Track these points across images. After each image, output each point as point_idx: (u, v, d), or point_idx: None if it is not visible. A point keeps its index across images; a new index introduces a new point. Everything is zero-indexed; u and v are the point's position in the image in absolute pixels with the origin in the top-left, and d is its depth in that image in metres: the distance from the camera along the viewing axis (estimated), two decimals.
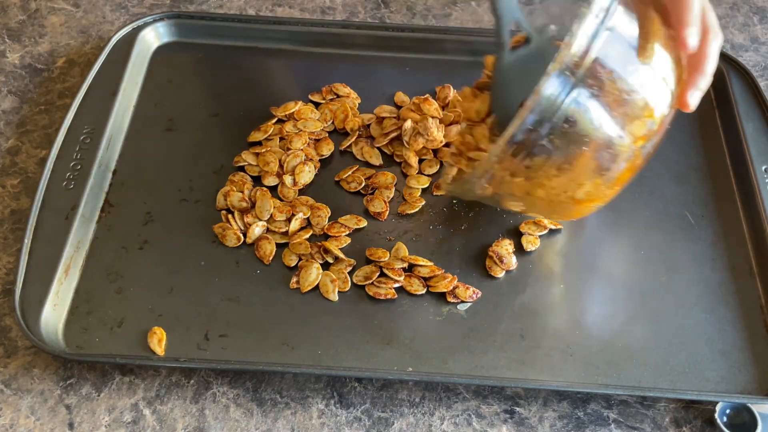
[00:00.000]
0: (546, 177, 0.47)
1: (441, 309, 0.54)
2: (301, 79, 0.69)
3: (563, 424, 0.51)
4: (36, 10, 0.76)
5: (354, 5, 0.77)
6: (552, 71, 0.42)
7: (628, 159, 0.47)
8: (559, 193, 0.48)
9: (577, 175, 0.47)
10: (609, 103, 0.45)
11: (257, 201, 0.58)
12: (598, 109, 0.45)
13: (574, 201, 0.49)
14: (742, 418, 0.50)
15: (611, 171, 0.47)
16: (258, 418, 0.51)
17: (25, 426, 0.50)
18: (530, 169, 0.46)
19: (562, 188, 0.48)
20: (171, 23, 0.71)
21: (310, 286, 0.55)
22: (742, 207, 0.60)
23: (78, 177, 0.59)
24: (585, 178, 0.47)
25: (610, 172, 0.47)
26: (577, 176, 0.47)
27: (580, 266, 0.57)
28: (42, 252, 0.55)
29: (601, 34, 0.43)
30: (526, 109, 0.43)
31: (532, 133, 0.44)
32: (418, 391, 0.52)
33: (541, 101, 0.43)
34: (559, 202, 0.49)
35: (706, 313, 0.55)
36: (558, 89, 0.43)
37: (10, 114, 0.67)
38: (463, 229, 0.59)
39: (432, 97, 0.64)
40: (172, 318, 0.54)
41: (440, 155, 0.62)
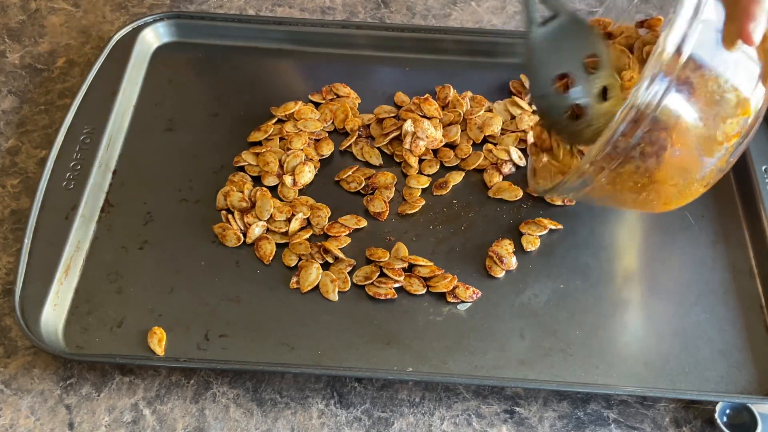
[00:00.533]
0: (636, 181, 0.47)
1: (441, 309, 0.54)
2: (301, 79, 0.69)
3: (563, 424, 0.51)
4: (36, 10, 0.76)
5: (354, 5, 0.77)
6: (647, 74, 0.41)
7: (719, 159, 0.46)
8: (645, 196, 0.48)
9: (666, 177, 0.46)
10: (702, 103, 0.44)
11: (257, 201, 0.58)
12: (691, 112, 0.44)
13: (660, 202, 0.49)
14: (742, 418, 0.50)
15: (701, 173, 0.47)
16: (258, 418, 0.51)
17: (25, 426, 0.50)
18: (621, 174, 0.46)
19: (648, 191, 0.47)
20: (171, 23, 0.71)
21: (310, 286, 0.55)
22: (742, 207, 0.60)
23: (78, 177, 0.59)
24: (673, 181, 0.47)
25: (700, 174, 0.47)
26: (666, 179, 0.47)
27: (580, 266, 0.57)
28: (42, 252, 0.55)
29: (696, 28, 0.41)
30: (620, 116, 0.42)
31: (623, 139, 0.43)
32: (418, 391, 0.52)
33: (635, 106, 0.42)
34: (646, 201, 0.49)
35: (706, 313, 0.55)
36: (652, 94, 0.42)
37: (10, 114, 0.67)
38: (463, 229, 0.59)
39: (432, 97, 0.64)
40: (172, 318, 0.54)
41: (440, 155, 0.62)
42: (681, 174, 0.47)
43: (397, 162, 0.63)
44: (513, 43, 0.69)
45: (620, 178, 0.47)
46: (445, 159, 0.62)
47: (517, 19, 0.75)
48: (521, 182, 0.61)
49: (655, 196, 0.48)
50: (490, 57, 0.69)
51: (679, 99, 0.43)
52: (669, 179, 0.47)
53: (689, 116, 0.44)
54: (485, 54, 0.69)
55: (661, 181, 0.47)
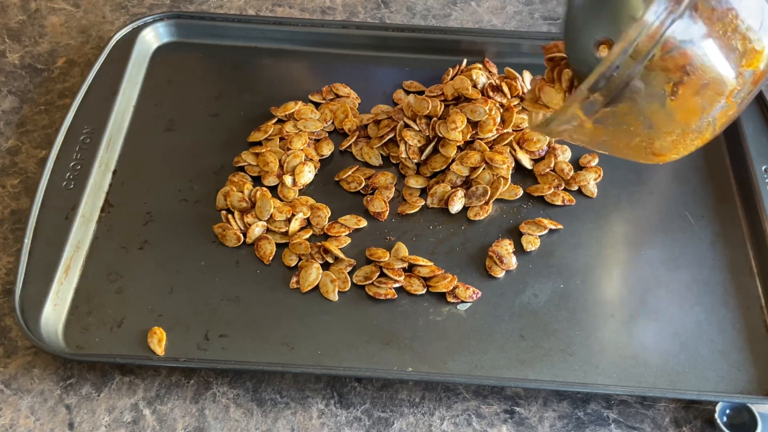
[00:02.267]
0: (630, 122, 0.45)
1: (441, 309, 0.54)
2: (301, 79, 0.69)
3: (563, 424, 0.51)
4: (36, 10, 0.76)
5: (354, 5, 0.77)
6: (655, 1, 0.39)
7: (719, 112, 0.44)
8: (639, 142, 0.46)
9: (662, 122, 0.45)
10: (718, 44, 0.42)
11: (257, 201, 0.58)
12: (706, 43, 0.42)
13: (653, 152, 0.47)
14: (742, 418, 0.50)
15: (699, 123, 0.45)
16: (258, 418, 0.51)
17: (25, 426, 0.50)
18: (614, 114, 0.44)
19: (645, 136, 0.46)
20: (171, 23, 0.71)
21: (310, 286, 0.55)
22: (742, 207, 0.60)
23: (78, 177, 0.59)
24: (669, 128, 0.45)
25: (697, 124, 0.45)
26: (662, 123, 0.45)
27: (580, 266, 0.57)
28: (42, 252, 0.55)
29: None
30: (624, 40, 0.40)
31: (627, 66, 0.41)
32: (418, 391, 0.52)
33: (641, 31, 0.40)
34: (639, 148, 0.47)
35: (706, 313, 0.55)
36: (660, 16, 0.40)
37: (10, 114, 0.67)
38: (463, 229, 0.59)
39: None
40: (172, 318, 0.54)
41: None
42: (678, 121, 0.45)
43: (395, 162, 0.63)
44: (513, 43, 0.69)
45: (614, 118, 0.45)
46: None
47: (517, 19, 0.75)
48: (521, 182, 0.61)
49: (648, 143, 0.46)
50: (490, 57, 0.69)
51: (687, 32, 0.41)
52: (665, 125, 0.45)
53: (696, 57, 0.42)
54: (485, 54, 0.69)
55: (656, 126, 0.45)
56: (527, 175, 0.62)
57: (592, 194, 0.61)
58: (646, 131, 0.45)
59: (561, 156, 0.62)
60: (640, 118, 0.45)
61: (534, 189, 0.61)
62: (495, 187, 0.59)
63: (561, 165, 0.62)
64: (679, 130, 0.45)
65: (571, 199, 0.60)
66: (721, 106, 0.45)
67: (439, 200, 0.59)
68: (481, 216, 0.59)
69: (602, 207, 0.60)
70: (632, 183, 0.62)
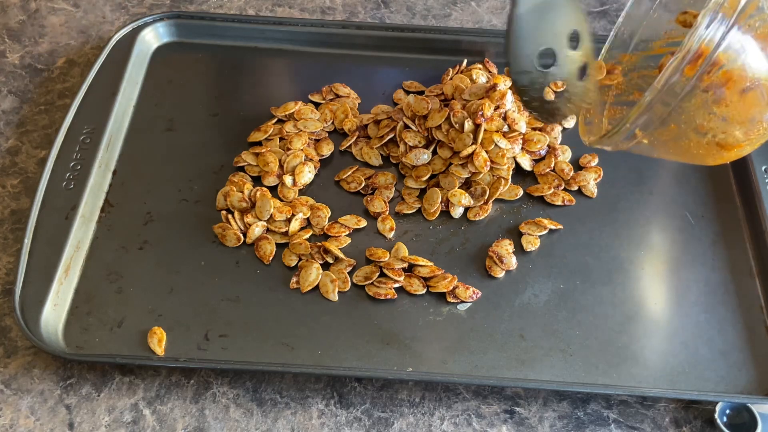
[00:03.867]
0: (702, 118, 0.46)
1: (441, 309, 0.54)
2: (301, 79, 0.69)
3: (563, 424, 0.51)
4: (36, 10, 0.76)
5: (354, 5, 0.77)
6: (707, 12, 0.40)
7: None
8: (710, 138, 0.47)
9: (734, 114, 0.46)
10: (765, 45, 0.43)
11: (257, 201, 0.58)
12: (755, 54, 0.43)
13: (722, 147, 0.48)
14: (742, 418, 0.50)
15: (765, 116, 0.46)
16: (258, 418, 0.51)
17: (25, 426, 0.50)
18: (684, 112, 0.45)
19: (713, 131, 0.46)
20: (171, 23, 0.71)
21: (310, 286, 0.55)
22: (742, 207, 0.60)
23: (78, 177, 0.59)
24: (738, 121, 0.46)
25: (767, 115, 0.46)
26: (734, 116, 0.46)
27: (579, 266, 0.57)
28: (42, 252, 0.55)
29: None
30: (681, 53, 0.41)
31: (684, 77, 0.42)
32: (418, 391, 0.52)
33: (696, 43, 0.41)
34: (705, 146, 0.48)
35: (706, 313, 0.55)
36: (713, 32, 0.41)
37: (10, 114, 0.67)
38: (463, 229, 0.59)
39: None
40: (172, 318, 0.54)
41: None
42: (747, 113, 0.46)
43: (395, 162, 0.63)
44: None
45: (684, 116, 0.45)
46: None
47: None
48: (521, 182, 0.61)
49: (721, 139, 0.47)
50: (490, 57, 0.69)
51: (742, 40, 0.43)
52: (735, 117, 0.46)
53: (752, 58, 0.43)
54: (485, 54, 0.69)
55: (729, 119, 0.46)
56: (527, 175, 0.62)
57: (592, 194, 0.61)
58: (716, 125, 0.46)
59: (561, 156, 0.62)
60: (710, 112, 0.45)
61: (534, 189, 0.61)
62: (495, 188, 0.59)
63: (561, 165, 0.62)
64: (750, 121, 0.46)
65: (571, 199, 0.60)
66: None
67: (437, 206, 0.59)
68: (481, 216, 0.59)
69: (602, 207, 0.60)
70: (632, 183, 0.62)
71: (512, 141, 0.60)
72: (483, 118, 0.58)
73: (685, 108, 0.45)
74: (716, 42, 0.42)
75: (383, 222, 0.59)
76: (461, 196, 0.59)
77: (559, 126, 0.64)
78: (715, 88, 0.44)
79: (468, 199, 0.59)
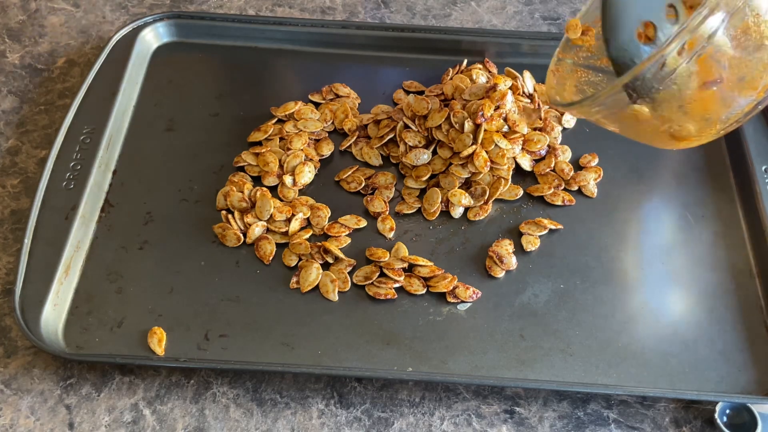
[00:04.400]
0: (665, 110, 0.46)
1: (441, 309, 0.54)
2: (301, 79, 0.69)
3: (563, 424, 0.51)
4: (36, 10, 0.76)
5: (354, 5, 0.77)
6: (706, 7, 0.41)
7: (747, 104, 0.46)
8: (667, 127, 0.47)
9: (696, 110, 0.46)
10: (750, 44, 0.43)
11: (257, 201, 0.58)
12: (737, 49, 0.43)
13: (674, 137, 0.48)
14: (742, 418, 0.50)
15: (727, 113, 0.46)
16: (258, 418, 0.51)
17: (25, 426, 0.50)
18: (654, 100, 0.45)
19: (671, 122, 0.47)
20: (171, 23, 0.71)
21: (310, 286, 0.55)
22: (742, 207, 0.60)
23: (78, 177, 0.59)
24: (700, 115, 0.46)
25: (726, 114, 0.46)
26: (696, 111, 0.46)
27: (580, 266, 0.57)
28: (42, 252, 0.55)
29: None
30: (674, 37, 0.41)
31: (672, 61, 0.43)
32: (418, 391, 0.52)
33: (690, 31, 0.41)
34: (664, 135, 0.48)
35: (706, 313, 0.55)
36: (710, 24, 0.41)
37: (10, 114, 0.67)
38: (463, 229, 0.59)
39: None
40: (172, 318, 0.54)
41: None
42: (707, 111, 0.46)
43: (395, 162, 0.63)
44: (513, 43, 0.69)
45: (652, 105, 0.46)
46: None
47: (517, 19, 0.75)
48: (521, 182, 0.61)
49: (676, 131, 0.47)
50: (490, 57, 0.69)
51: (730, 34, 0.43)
52: (698, 113, 0.46)
53: (736, 53, 0.44)
54: (485, 54, 0.69)
55: (690, 113, 0.46)
56: (527, 175, 0.62)
57: (592, 194, 0.61)
58: (677, 118, 0.46)
59: (561, 156, 0.62)
60: (674, 107, 0.45)
61: (534, 189, 0.61)
62: (495, 188, 0.59)
63: (561, 165, 0.62)
64: (706, 120, 0.46)
65: (571, 199, 0.60)
66: (751, 99, 0.45)
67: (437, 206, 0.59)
68: (481, 216, 0.59)
69: (602, 207, 0.60)
70: (632, 183, 0.62)
71: (513, 142, 0.60)
72: (483, 118, 0.58)
73: (654, 97, 0.45)
74: (706, 37, 0.42)
75: (383, 222, 0.59)
76: (461, 196, 0.59)
77: (559, 126, 0.64)
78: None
79: (468, 199, 0.59)
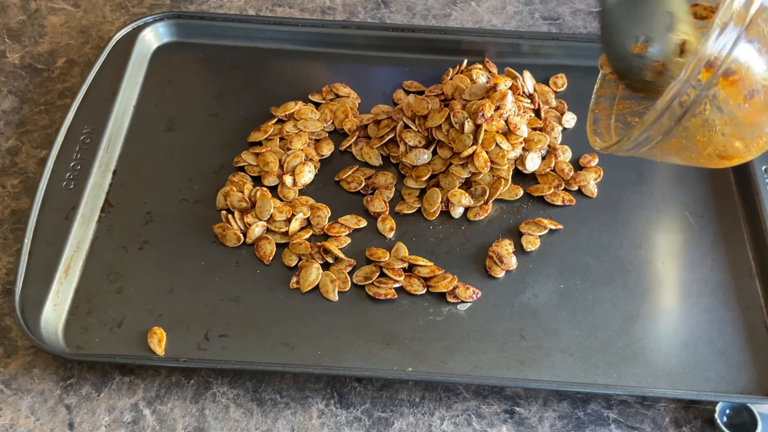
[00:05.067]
0: (703, 135, 0.46)
1: (441, 309, 0.54)
2: (301, 79, 0.69)
3: (563, 424, 0.51)
4: (36, 10, 0.76)
5: (354, 5, 0.77)
6: (717, 24, 0.40)
7: None
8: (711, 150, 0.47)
9: (734, 131, 0.46)
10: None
11: (257, 201, 0.58)
12: (761, 60, 0.43)
13: (723, 157, 0.48)
14: (742, 418, 0.50)
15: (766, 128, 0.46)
16: (258, 418, 0.51)
17: (25, 426, 0.50)
18: (687, 129, 0.45)
19: (715, 145, 0.46)
20: (171, 23, 0.71)
21: (310, 286, 0.55)
22: (742, 207, 0.60)
23: (78, 177, 0.59)
24: (741, 134, 0.46)
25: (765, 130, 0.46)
26: (734, 132, 0.46)
27: (579, 266, 0.57)
28: (42, 252, 0.55)
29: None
30: (688, 67, 0.41)
31: (692, 92, 0.42)
32: (418, 391, 0.52)
33: (705, 57, 0.41)
34: (711, 156, 0.48)
35: (706, 313, 0.55)
36: (722, 44, 0.41)
37: (10, 114, 0.67)
38: (463, 229, 0.59)
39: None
40: (172, 318, 0.54)
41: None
42: (749, 128, 0.46)
43: (395, 162, 0.63)
44: (513, 43, 0.69)
45: (686, 132, 0.45)
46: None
47: (517, 19, 0.75)
48: (521, 182, 0.61)
49: (722, 151, 0.47)
50: (490, 57, 0.69)
51: (749, 48, 0.42)
52: (737, 133, 0.46)
53: (758, 65, 0.43)
54: (485, 54, 0.69)
55: (729, 134, 0.46)
56: (527, 175, 0.62)
57: (592, 194, 0.61)
58: (719, 139, 0.46)
59: (561, 156, 0.62)
60: (712, 129, 0.45)
61: (534, 189, 0.61)
62: (495, 188, 0.59)
63: (561, 165, 0.62)
64: (751, 134, 0.46)
65: (571, 199, 0.60)
66: None
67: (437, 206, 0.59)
68: (481, 216, 0.59)
69: (602, 207, 0.60)
70: (632, 183, 0.62)
71: (515, 146, 0.60)
72: (483, 118, 0.58)
73: (686, 126, 0.45)
74: (724, 55, 0.42)
75: (383, 222, 0.59)
76: (461, 196, 0.59)
77: (559, 125, 0.64)
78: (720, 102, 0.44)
79: (468, 199, 0.59)
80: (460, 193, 0.59)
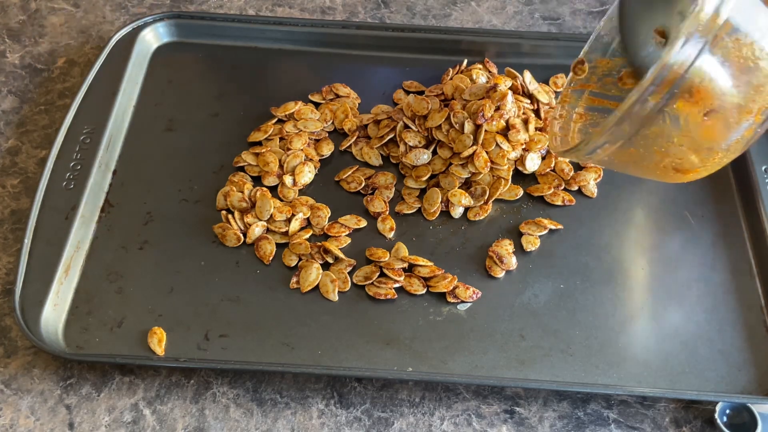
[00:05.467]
0: (660, 145, 0.46)
1: (441, 309, 0.54)
2: (301, 79, 0.69)
3: (563, 424, 0.51)
4: (36, 10, 0.76)
5: (354, 5, 0.77)
6: (683, 33, 0.40)
7: (747, 129, 0.45)
8: (668, 162, 0.47)
9: (691, 143, 0.46)
10: (735, 69, 0.43)
11: (257, 201, 0.58)
12: (724, 76, 0.43)
13: (678, 171, 0.48)
14: (742, 418, 0.50)
15: (726, 142, 0.46)
16: (258, 418, 0.51)
17: (25, 426, 0.50)
18: (645, 138, 0.45)
19: (672, 157, 0.46)
20: (171, 23, 0.71)
21: (310, 286, 0.55)
22: (742, 207, 0.60)
23: (78, 177, 0.59)
24: (697, 147, 0.46)
25: (725, 143, 0.46)
26: (691, 144, 0.46)
27: (580, 266, 0.57)
28: (42, 252, 0.55)
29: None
30: (651, 75, 0.41)
31: (653, 99, 0.42)
32: (418, 391, 0.52)
33: (668, 65, 0.41)
34: (666, 170, 0.48)
35: (706, 313, 0.55)
36: (686, 54, 0.41)
37: (10, 114, 0.67)
38: (463, 229, 0.59)
39: None
40: (172, 318, 0.54)
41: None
42: (707, 141, 0.46)
43: (394, 162, 0.63)
44: (513, 43, 0.69)
45: (644, 141, 0.46)
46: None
47: (517, 19, 0.75)
48: (521, 182, 0.61)
49: (677, 164, 0.47)
50: (490, 57, 0.69)
51: (713, 62, 0.42)
52: (694, 145, 0.46)
53: (721, 81, 0.43)
54: (485, 54, 0.69)
55: (686, 147, 0.46)
56: (527, 175, 0.62)
57: (592, 194, 0.61)
58: (675, 151, 0.46)
59: None
60: (669, 140, 0.45)
61: (534, 189, 0.61)
62: (495, 188, 0.59)
63: (561, 165, 0.62)
64: (707, 149, 0.46)
65: (571, 199, 0.60)
66: (749, 124, 0.45)
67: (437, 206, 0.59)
68: (481, 216, 0.59)
69: (602, 207, 0.60)
70: (632, 183, 0.62)
71: (515, 148, 0.60)
72: (483, 118, 0.58)
73: (645, 135, 0.45)
74: (685, 68, 0.42)
75: (383, 222, 0.59)
76: (461, 196, 0.59)
77: None
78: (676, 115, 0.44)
79: (468, 199, 0.59)
80: (460, 193, 0.59)
